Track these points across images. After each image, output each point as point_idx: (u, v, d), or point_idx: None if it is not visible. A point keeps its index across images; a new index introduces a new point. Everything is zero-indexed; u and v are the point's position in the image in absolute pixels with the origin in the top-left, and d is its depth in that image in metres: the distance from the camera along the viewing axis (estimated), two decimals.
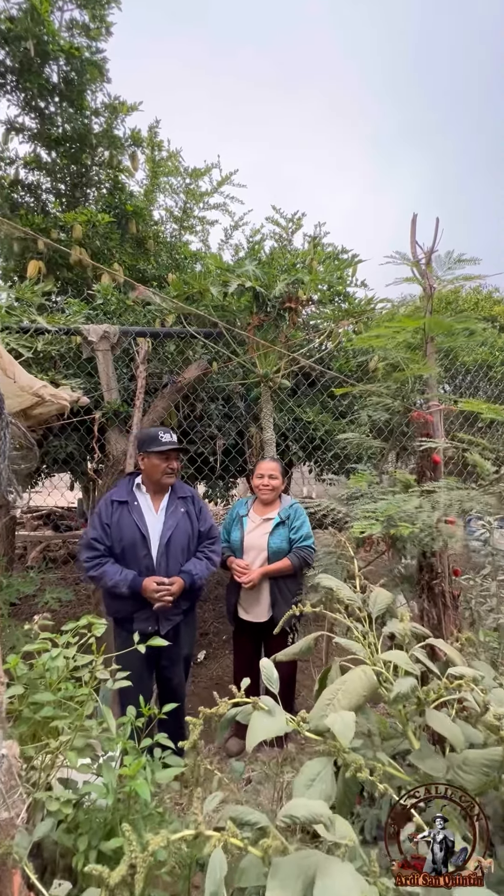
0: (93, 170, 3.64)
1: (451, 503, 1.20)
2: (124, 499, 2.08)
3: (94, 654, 1.30)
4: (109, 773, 1.12)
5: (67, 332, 2.78)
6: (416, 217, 1.90)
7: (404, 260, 1.66)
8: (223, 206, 4.49)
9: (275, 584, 2.28)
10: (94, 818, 1.15)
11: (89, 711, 1.22)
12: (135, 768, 1.09)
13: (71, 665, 1.29)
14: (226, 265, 2.86)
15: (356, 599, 1.03)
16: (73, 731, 1.17)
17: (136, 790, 1.05)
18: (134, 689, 1.69)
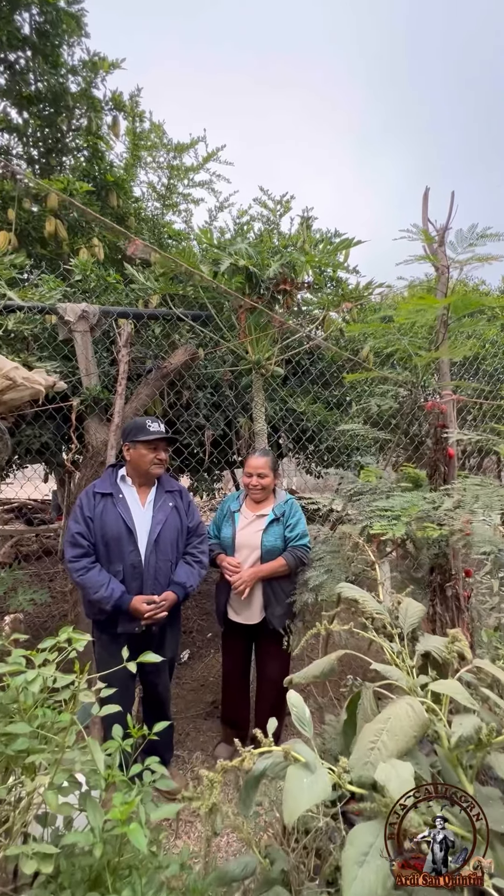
0: (69, 135, 3.35)
1: (490, 503, 1.08)
2: (108, 491, 1.91)
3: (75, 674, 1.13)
4: (96, 816, 0.96)
5: (42, 311, 2.53)
6: (428, 191, 1.77)
7: (420, 234, 1.52)
8: (209, 183, 4.25)
9: (268, 585, 2.14)
10: (79, 864, 1.00)
11: (71, 741, 1.06)
12: (125, 811, 0.93)
13: (49, 687, 1.12)
14: (216, 243, 2.66)
15: (385, 613, 0.90)
16: (53, 766, 1.01)
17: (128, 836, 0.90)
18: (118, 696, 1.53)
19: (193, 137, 4.21)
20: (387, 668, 0.76)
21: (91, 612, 1.87)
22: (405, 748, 0.64)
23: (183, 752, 2.35)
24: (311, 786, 0.55)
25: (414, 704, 0.69)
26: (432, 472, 1.54)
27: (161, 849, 1.10)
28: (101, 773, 0.97)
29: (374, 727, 0.68)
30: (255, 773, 0.63)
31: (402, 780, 0.56)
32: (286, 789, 0.56)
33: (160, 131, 4.21)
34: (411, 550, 1.59)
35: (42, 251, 3.14)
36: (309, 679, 0.91)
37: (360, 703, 0.81)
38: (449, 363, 1.66)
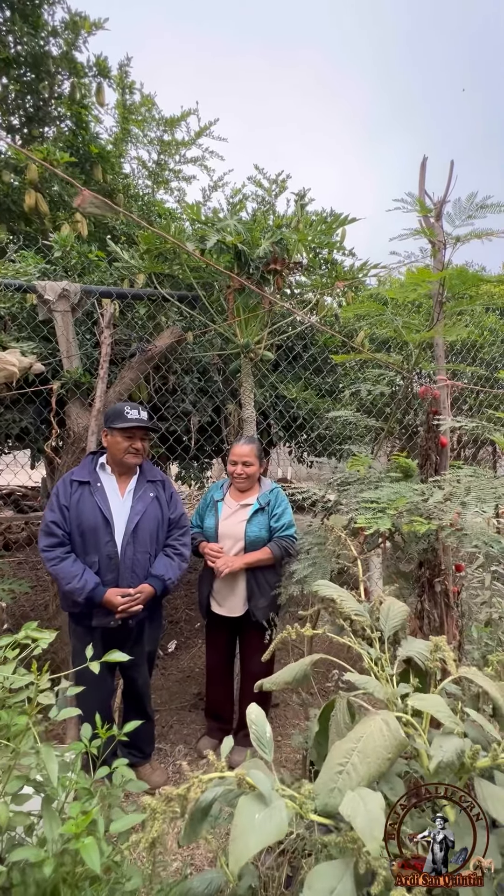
0: (51, 103, 3.17)
1: (485, 495, 1.00)
2: (86, 479, 1.82)
3: (34, 673, 1.05)
4: (52, 827, 0.89)
5: (19, 289, 2.41)
6: (426, 161, 1.65)
7: (414, 207, 1.41)
8: (201, 160, 4.08)
9: (251, 576, 2.07)
10: (33, 878, 0.93)
11: (28, 746, 0.98)
12: (82, 824, 0.86)
13: (7, 687, 1.05)
14: (204, 219, 2.53)
15: (365, 615, 0.82)
16: (6, 773, 0.94)
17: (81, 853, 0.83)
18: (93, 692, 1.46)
19: (185, 110, 4.03)
20: (363, 678, 0.68)
21: (66, 604, 1.80)
22: (378, 772, 0.57)
23: (166, 745, 2.30)
24: (264, 823, 0.47)
25: (389, 721, 0.61)
26: (423, 461, 1.45)
27: (125, 859, 1.04)
28: (54, 784, 0.90)
29: (344, 747, 0.60)
30: (203, 803, 0.55)
31: (370, 816, 0.49)
32: (234, 826, 0.48)
33: (150, 104, 4.02)
34: (400, 543, 1.51)
35: (22, 227, 2.99)
36: (280, 685, 0.83)
37: (334, 714, 0.73)
38: (444, 347, 1.56)
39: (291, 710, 2.58)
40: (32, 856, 0.84)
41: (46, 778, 0.99)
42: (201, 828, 0.54)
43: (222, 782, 0.56)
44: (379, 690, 0.67)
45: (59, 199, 3.06)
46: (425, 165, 1.60)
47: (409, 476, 1.49)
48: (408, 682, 0.77)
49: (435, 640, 0.72)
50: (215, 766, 0.56)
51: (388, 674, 0.73)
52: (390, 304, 2.45)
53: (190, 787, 0.52)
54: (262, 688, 0.85)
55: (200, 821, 0.55)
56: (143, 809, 0.82)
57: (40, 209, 2.71)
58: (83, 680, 1.17)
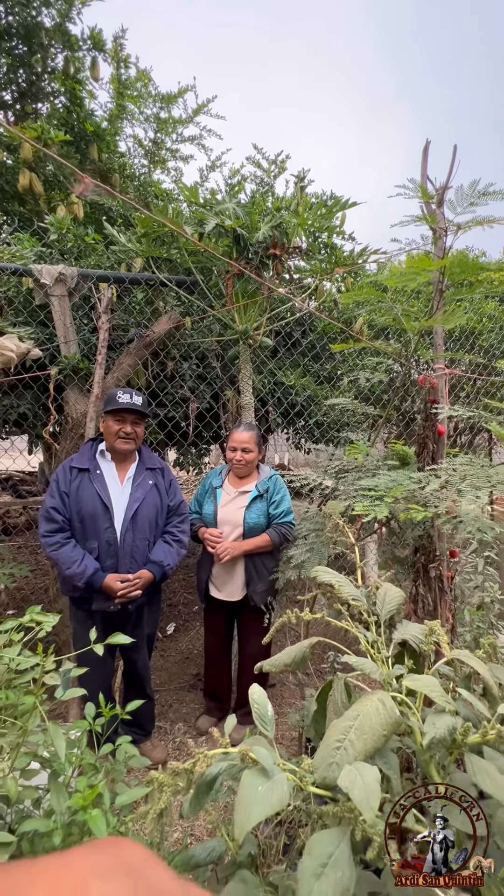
0: (44, 78, 3.07)
1: (480, 483, 1.02)
2: (85, 466, 1.83)
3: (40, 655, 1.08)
4: (59, 800, 0.93)
5: (15, 272, 2.37)
6: (428, 145, 1.62)
7: (416, 193, 1.40)
8: (199, 138, 3.99)
9: (250, 561, 2.10)
10: (42, 847, 0.97)
11: (35, 724, 1.02)
12: (89, 797, 0.90)
13: (13, 669, 1.08)
14: (202, 201, 2.49)
15: (362, 599, 0.85)
16: (14, 750, 0.97)
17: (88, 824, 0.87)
18: (95, 673, 1.50)
19: (182, 86, 3.92)
20: (360, 660, 0.71)
21: (66, 589, 1.82)
22: (374, 748, 0.60)
23: (166, 724, 2.36)
24: (266, 795, 0.50)
25: (385, 700, 0.64)
26: (421, 449, 1.47)
27: (129, 830, 1.09)
28: (62, 760, 0.94)
29: (341, 724, 0.63)
30: (208, 777, 0.58)
31: (367, 787, 0.52)
32: (239, 798, 0.51)
33: (146, 79, 3.90)
34: (396, 530, 1.54)
35: (16, 208, 2.93)
36: (279, 667, 0.86)
37: (331, 694, 0.76)
38: (444, 335, 1.56)
39: (288, 689, 2.66)
40: (42, 826, 0.88)
41: (53, 754, 1.03)
42: (206, 800, 0.58)
43: (226, 757, 0.59)
44: (375, 671, 0.70)
45: (53, 178, 2.99)
46: (428, 150, 1.58)
47: (407, 464, 1.51)
48: (402, 664, 0.80)
49: (429, 623, 0.74)
50: (219, 743, 0.59)
51: (384, 656, 0.76)
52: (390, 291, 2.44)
53: (196, 762, 0.55)
54: (262, 669, 0.88)
55: (205, 793, 0.58)
56: (148, 783, 0.86)
57: (35, 189, 2.65)
58: (85, 662, 1.20)
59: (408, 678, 0.65)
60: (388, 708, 0.62)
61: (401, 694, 0.70)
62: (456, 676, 0.79)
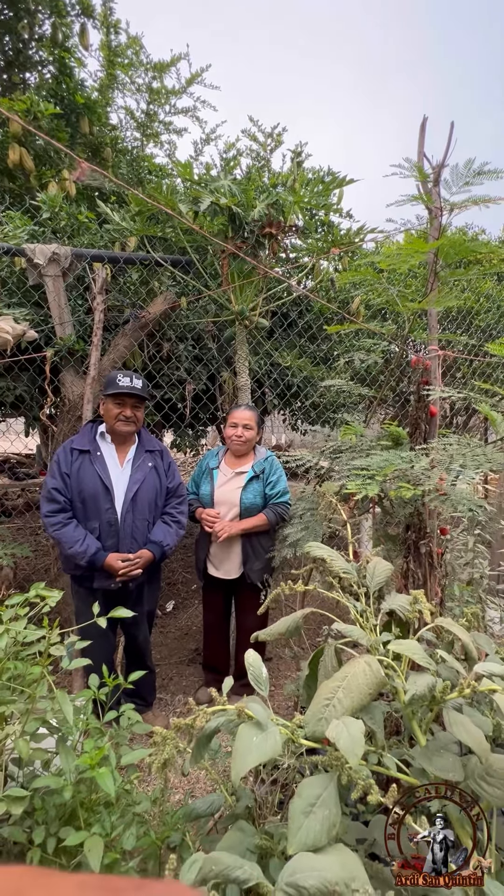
0: (32, 46, 2.95)
1: (466, 463, 1.05)
2: (86, 448, 1.86)
3: (46, 628, 1.13)
4: (68, 760, 0.99)
5: (7, 252, 2.34)
6: (426, 121, 1.60)
7: (412, 172, 1.39)
8: (193, 110, 3.87)
9: (247, 540, 2.16)
10: (53, 803, 1.04)
11: (43, 692, 1.07)
12: (96, 756, 0.96)
13: (20, 641, 1.13)
14: (197, 178, 2.45)
15: (353, 573, 0.89)
16: (25, 716, 1.03)
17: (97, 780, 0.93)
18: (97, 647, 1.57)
19: (175, 54, 3.78)
20: (348, 627, 0.75)
21: (68, 567, 1.87)
22: (360, 705, 0.65)
23: (166, 696, 2.46)
24: (261, 744, 0.55)
25: (372, 663, 0.68)
26: (413, 430, 1.50)
27: (134, 787, 1.16)
28: (70, 723, 0.99)
29: (331, 685, 0.68)
30: (208, 730, 0.63)
31: (352, 737, 0.56)
32: (235, 747, 0.56)
33: (138, 45, 3.76)
34: (388, 508, 1.59)
35: (6, 184, 2.86)
36: (274, 635, 0.91)
37: (322, 659, 0.81)
38: (438, 316, 1.58)
39: (284, 663, 2.75)
40: (53, 783, 0.94)
41: (61, 720, 1.09)
42: (206, 751, 0.63)
43: (224, 714, 0.64)
44: (363, 638, 0.75)
45: (44, 153, 2.91)
46: (425, 127, 1.56)
47: (400, 444, 1.55)
48: (390, 632, 0.85)
49: (414, 593, 0.79)
50: (217, 702, 0.64)
51: (373, 624, 0.81)
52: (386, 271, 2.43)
53: (196, 717, 0.60)
54: (257, 638, 0.93)
55: (205, 745, 0.63)
56: (152, 744, 0.92)
57: (25, 165, 2.59)
58: (88, 636, 1.26)
59: (393, 643, 0.70)
60: (375, 670, 0.67)
61: (387, 658, 0.75)
62: (440, 643, 0.84)
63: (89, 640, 1.25)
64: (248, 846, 0.81)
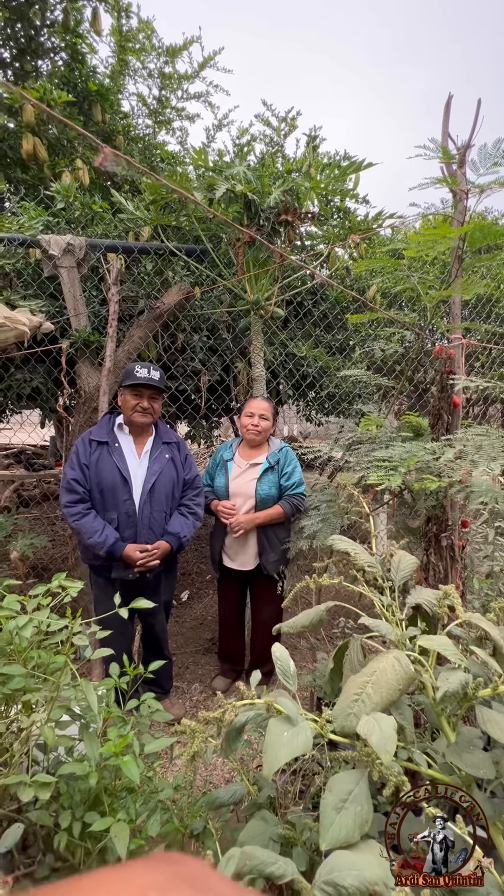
0: (43, 32, 2.92)
1: (495, 454, 1.03)
2: (104, 439, 1.87)
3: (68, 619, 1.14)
4: (92, 747, 1.00)
5: (23, 244, 2.34)
6: (451, 99, 1.54)
7: (436, 153, 1.34)
8: (205, 95, 3.80)
9: (262, 532, 2.15)
10: (78, 788, 1.06)
11: (66, 681, 1.09)
12: (120, 744, 0.97)
13: (43, 631, 1.14)
14: (211, 165, 2.40)
15: (377, 566, 0.88)
16: (49, 703, 1.05)
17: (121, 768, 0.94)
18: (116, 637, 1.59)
19: (187, 38, 3.71)
20: (376, 622, 0.74)
21: (86, 557, 1.90)
22: (389, 700, 0.64)
23: (183, 684, 2.49)
24: (292, 739, 0.55)
25: (401, 658, 0.67)
26: (435, 420, 1.47)
27: (157, 774, 1.18)
28: (94, 711, 1.01)
29: (359, 679, 0.67)
30: (237, 724, 0.62)
31: (384, 734, 0.56)
32: (267, 742, 0.55)
33: (149, 30, 3.70)
34: (408, 500, 1.56)
35: (20, 175, 2.85)
36: (297, 628, 0.90)
37: (348, 653, 0.81)
38: (460, 304, 1.53)
39: (299, 653, 2.76)
40: (79, 769, 0.96)
41: (84, 708, 1.11)
42: (236, 745, 0.63)
43: (252, 708, 0.63)
44: (390, 632, 0.73)
45: (56, 142, 2.89)
46: (450, 106, 1.50)
47: (420, 435, 1.52)
48: (416, 626, 0.83)
49: (444, 588, 0.77)
50: (245, 696, 0.64)
51: (398, 618, 0.80)
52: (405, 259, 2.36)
53: (225, 711, 0.60)
54: (279, 631, 0.93)
55: (235, 739, 0.63)
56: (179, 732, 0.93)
57: (38, 155, 2.58)
58: (107, 626, 1.27)
59: (422, 638, 0.69)
60: (404, 665, 0.66)
61: (414, 653, 0.73)
62: (467, 638, 0.82)
63: (109, 630, 1.26)
64: (272, 836, 0.81)
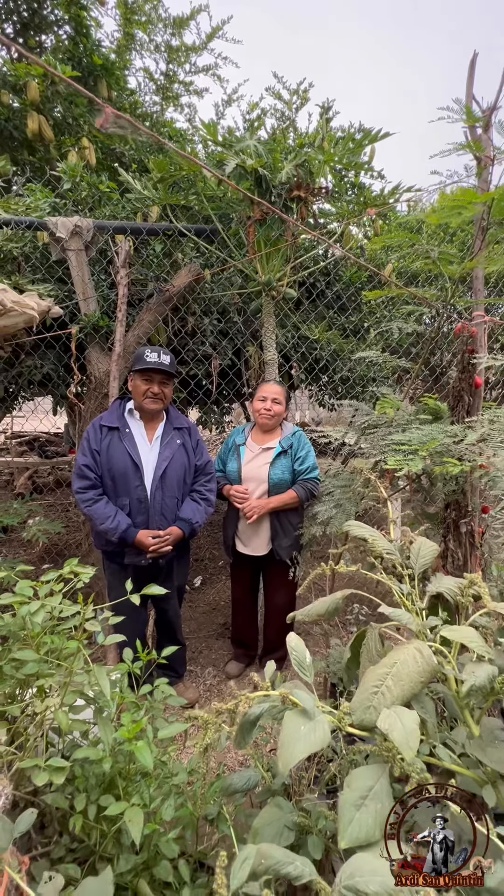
0: (47, 5, 2.82)
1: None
2: (115, 425, 1.85)
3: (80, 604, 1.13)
4: (106, 732, 1.00)
5: (30, 227, 2.30)
6: (476, 57, 1.44)
7: (461, 116, 1.25)
8: (214, 67, 3.67)
9: (275, 517, 2.13)
10: (93, 772, 1.07)
11: (79, 666, 1.09)
12: (134, 730, 0.97)
13: (56, 616, 1.14)
14: (221, 140, 2.32)
15: (396, 553, 0.84)
16: (63, 688, 1.04)
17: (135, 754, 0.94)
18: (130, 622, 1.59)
19: (194, 7, 3.56)
20: (396, 611, 0.71)
21: (99, 543, 1.90)
22: (410, 694, 0.61)
23: (196, 668, 2.51)
24: (309, 734, 0.52)
25: (423, 649, 0.64)
26: (455, 403, 1.41)
27: (171, 758, 1.18)
28: (108, 697, 1.00)
29: (378, 671, 0.64)
30: (252, 716, 0.60)
31: (406, 729, 0.53)
32: (283, 736, 0.53)
33: (155, 0, 3.56)
34: (425, 485, 1.51)
35: (26, 157, 2.80)
36: (313, 617, 0.88)
37: (365, 643, 0.78)
38: (483, 280, 1.45)
39: (312, 639, 2.76)
40: (93, 754, 0.96)
41: (98, 693, 1.11)
42: (250, 737, 0.60)
43: (267, 699, 0.61)
44: (411, 622, 0.70)
45: (62, 121, 2.82)
46: (475, 64, 1.40)
47: (439, 418, 1.46)
48: (436, 616, 0.80)
49: (469, 576, 0.74)
50: (260, 686, 0.62)
51: (419, 607, 0.76)
52: (424, 234, 2.27)
53: (238, 702, 0.57)
54: (294, 619, 0.90)
55: (249, 731, 0.61)
56: (186, 720, 0.92)
57: (44, 135, 2.51)
58: (120, 611, 1.26)
59: (446, 629, 0.65)
60: (426, 656, 0.63)
61: (436, 644, 0.70)
62: (491, 627, 0.78)
63: (122, 615, 1.26)
64: (287, 823, 0.80)
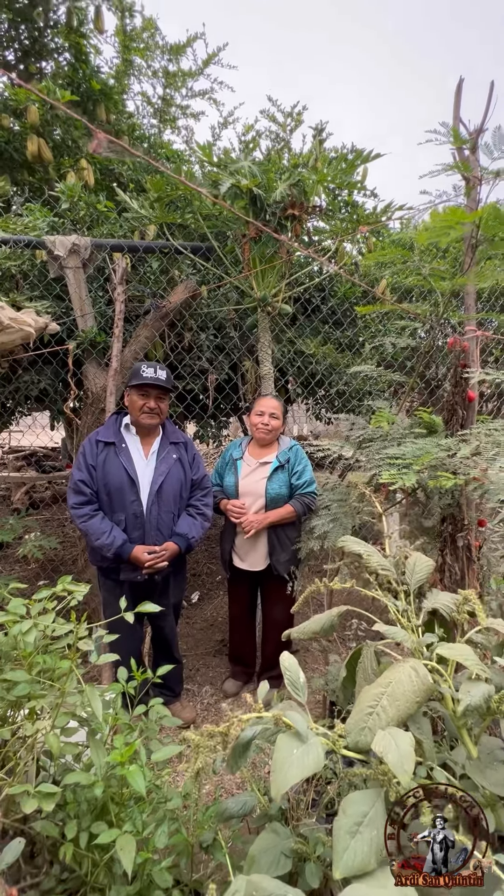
0: (47, 33, 2.92)
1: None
2: (111, 440, 1.85)
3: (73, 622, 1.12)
4: (98, 756, 0.98)
5: (28, 245, 2.34)
6: (462, 83, 1.49)
7: (448, 138, 1.29)
8: (210, 92, 3.78)
9: (272, 532, 2.12)
10: (84, 797, 1.04)
11: (72, 687, 1.07)
12: (126, 753, 0.95)
13: (48, 635, 1.12)
14: (216, 161, 2.37)
15: (391, 569, 0.84)
16: (54, 710, 1.02)
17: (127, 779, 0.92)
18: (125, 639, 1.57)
19: (191, 34, 3.68)
20: (391, 629, 0.70)
21: (95, 559, 1.88)
22: (406, 714, 0.60)
23: (193, 686, 2.47)
24: (302, 757, 0.51)
25: (418, 668, 0.63)
26: (449, 416, 1.42)
27: (165, 782, 1.15)
28: (100, 719, 0.98)
29: (373, 691, 0.63)
30: (244, 739, 0.59)
31: (401, 752, 0.52)
32: (275, 760, 0.52)
33: (153, 28, 3.68)
34: (421, 499, 1.51)
35: (26, 177, 2.85)
36: (308, 635, 0.86)
37: (361, 661, 0.77)
38: (475, 295, 1.47)
39: (311, 655, 2.72)
40: (84, 779, 0.93)
41: (90, 714, 1.09)
42: (243, 760, 0.59)
43: (260, 721, 0.60)
44: (407, 639, 0.69)
45: (61, 143, 2.89)
46: (461, 88, 1.45)
47: (434, 432, 1.47)
48: (432, 633, 0.79)
49: (464, 593, 0.73)
50: (253, 708, 0.60)
51: (414, 624, 0.75)
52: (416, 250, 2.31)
53: (230, 725, 0.56)
54: (290, 637, 0.89)
55: (241, 755, 0.59)
56: (181, 742, 0.90)
57: (43, 156, 2.57)
58: (115, 629, 1.25)
59: (442, 646, 0.65)
60: (422, 675, 0.62)
61: (432, 661, 0.69)
62: (488, 644, 0.78)
63: (117, 632, 1.24)
64: (284, 850, 0.78)
